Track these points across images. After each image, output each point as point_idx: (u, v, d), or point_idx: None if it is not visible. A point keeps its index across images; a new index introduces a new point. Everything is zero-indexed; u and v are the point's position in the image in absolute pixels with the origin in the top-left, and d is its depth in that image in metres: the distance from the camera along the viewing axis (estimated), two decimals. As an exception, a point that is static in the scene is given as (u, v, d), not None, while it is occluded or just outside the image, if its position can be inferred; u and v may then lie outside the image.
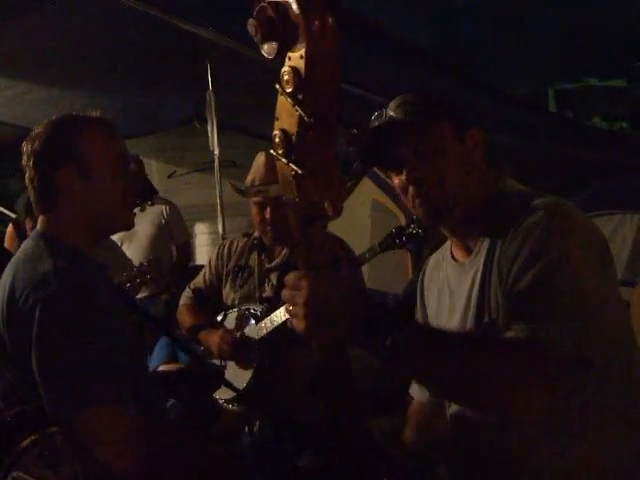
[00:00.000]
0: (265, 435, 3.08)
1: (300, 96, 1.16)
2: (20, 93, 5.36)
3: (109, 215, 2.12)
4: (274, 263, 3.26)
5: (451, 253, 1.90)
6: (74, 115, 2.14)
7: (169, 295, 5.14)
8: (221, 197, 5.59)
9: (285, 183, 1.27)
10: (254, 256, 3.32)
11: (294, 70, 1.15)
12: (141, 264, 3.15)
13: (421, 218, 1.81)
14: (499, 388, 1.45)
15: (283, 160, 1.24)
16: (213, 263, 3.48)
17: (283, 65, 1.18)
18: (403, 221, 4.87)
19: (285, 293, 1.38)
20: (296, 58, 1.15)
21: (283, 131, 1.22)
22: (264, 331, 3.09)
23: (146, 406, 1.98)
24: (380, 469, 1.67)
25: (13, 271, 2.00)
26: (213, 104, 5.30)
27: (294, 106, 1.17)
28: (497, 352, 1.50)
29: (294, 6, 1.12)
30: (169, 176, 7.74)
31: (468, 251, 1.81)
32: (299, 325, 1.37)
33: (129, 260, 4.83)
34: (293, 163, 1.22)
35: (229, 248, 3.46)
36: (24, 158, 2.10)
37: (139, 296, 4.98)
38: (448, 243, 1.94)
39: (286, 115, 1.21)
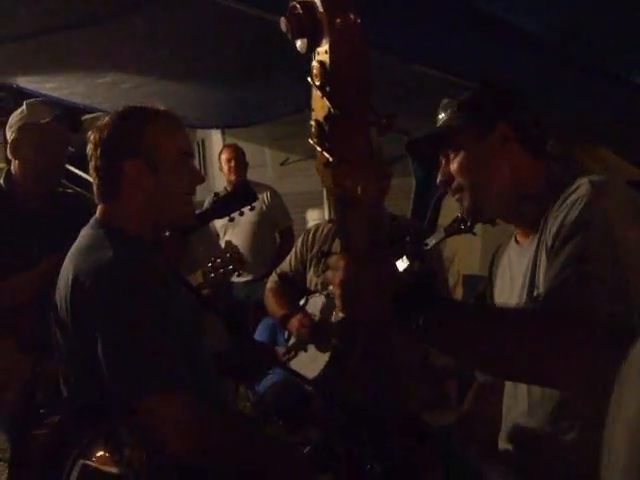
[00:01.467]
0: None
1: (328, 89, 1.24)
2: (134, 87, 5.55)
3: (170, 209, 2.15)
4: None
5: (515, 236, 1.96)
6: (141, 107, 2.17)
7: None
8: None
9: (322, 170, 1.35)
10: (337, 242, 3.38)
11: (321, 64, 1.23)
12: (224, 255, 3.27)
13: (462, 214, 1.93)
14: (527, 354, 1.48)
15: (318, 148, 1.31)
16: (298, 248, 3.58)
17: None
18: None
19: (328, 274, 1.47)
20: (322, 53, 1.23)
21: (317, 121, 1.30)
22: (340, 315, 3.15)
23: (204, 392, 2.00)
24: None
25: (75, 261, 2.04)
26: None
27: (322, 98, 1.25)
28: (525, 319, 1.55)
29: (318, 4, 1.20)
30: (282, 163, 7.91)
31: (527, 234, 1.88)
32: (338, 304, 1.46)
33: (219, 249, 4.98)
34: (326, 151, 1.30)
35: (314, 233, 3.54)
36: (90, 146, 2.13)
37: (243, 279, 5.16)
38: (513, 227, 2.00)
39: (319, 107, 1.29)
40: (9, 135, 3.20)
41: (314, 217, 8.14)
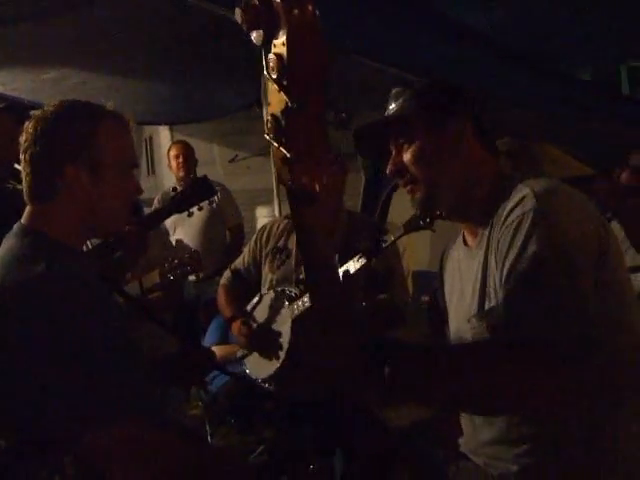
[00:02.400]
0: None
1: (285, 82, 1.21)
2: (78, 83, 5.47)
3: (104, 220, 1.99)
4: None
5: (463, 237, 1.94)
6: (89, 103, 1.98)
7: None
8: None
9: (278, 166, 1.31)
10: (293, 238, 3.36)
11: (278, 57, 1.19)
12: (182, 256, 3.22)
13: (413, 206, 1.87)
14: (501, 392, 1.47)
15: (274, 144, 1.28)
16: (252, 245, 3.56)
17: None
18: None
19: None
20: (279, 45, 1.19)
21: (273, 116, 1.26)
22: (296, 312, 3.14)
23: (146, 408, 1.84)
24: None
25: (1, 275, 1.83)
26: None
27: (279, 92, 1.22)
28: (494, 357, 1.51)
29: (275, -5, 1.17)
30: (230, 160, 7.86)
31: (475, 234, 1.84)
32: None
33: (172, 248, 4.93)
34: (283, 147, 1.26)
35: (269, 230, 3.52)
36: (26, 137, 1.92)
37: (193, 279, 5.11)
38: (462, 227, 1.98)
39: (275, 100, 1.25)
40: None
41: (264, 214, 8.11)
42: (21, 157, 1.94)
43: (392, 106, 1.87)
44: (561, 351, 1.44)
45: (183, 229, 5.62)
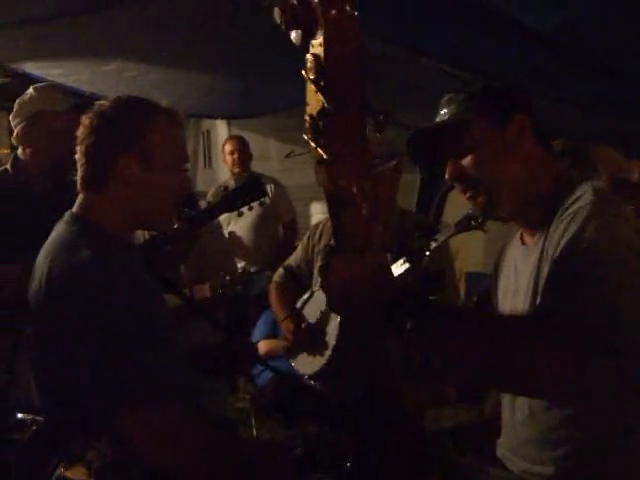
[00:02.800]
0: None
1: (322, 83, 1.20)
2: (139, 75, 5.51)
3: (152, 213, 2.04)
4: None
5: (521, 236, 1.92)
6: (144, 99, 2.07)
7: (274, 272, 5.26)
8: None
9: (316, 167, 1.31)
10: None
11: (315, 57, 1.19)
12: (235, 273, 3.28)
13: (474, 210, 1.86)
14: (523, 367, 1.43)
15: (312, 144, 1.28)
16: (305, 242, 3.57)
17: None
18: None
19: (318, 270, 1.44)
20: (317, 45, 1.19)
21: (311, 116, 1.26)
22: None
23: (185, 398, 1.90)
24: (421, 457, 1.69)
25: (49, 256, 1.93)
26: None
27: (316, 92, 1.21)
28: (522, 333, 1.48)
29: (313, -5, 1.16)
30: (286, 156, 7.85)
31: (533, 234, 1.84)
32: (327, 301, 1.43)
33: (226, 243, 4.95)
34: (320, 147, 1.26)
35: (323, 227, 3.52)
36: (83, 130, 2.02)
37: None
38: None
39: (313, 101, 1.25)
40: (18, 121, 3.16)
41: (319, 210, 8.09)
42: (77, 149, 2.04)
43: (444, 111, 1.87)
44: (607, 342, 1.40)
45: (236, 223, 5.65)
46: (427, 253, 2.83)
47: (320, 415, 3.19)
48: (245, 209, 2.90)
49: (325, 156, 1.25)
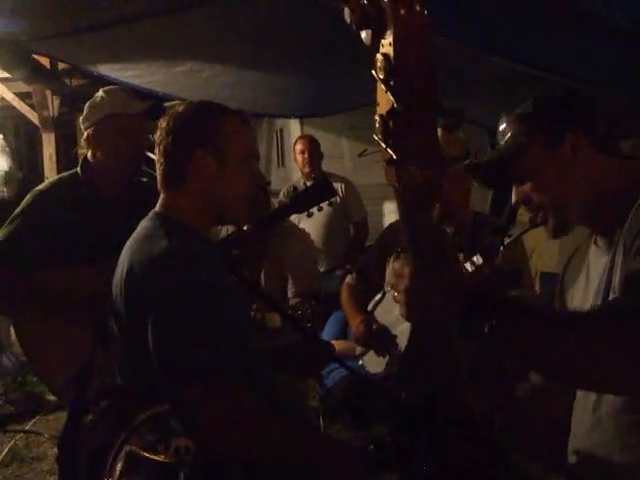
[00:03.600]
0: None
1: (392, 82, 1.18)
2: (212, 76, 5.56)
3: (227, 205, 2.17)
4: None
5: (595, 237, 1.88)
6: (215, 103, 2.24)
7: (345, 272, 5.24)
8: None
9: (387, 167, 1.29)
10: None
11: (385, 57, 1.17)
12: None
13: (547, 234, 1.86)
14: (605, 362, 1.37)
15: (383, 144, 1.26)
16: (378, 243, 3.54)
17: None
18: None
19: (391, 279, 1.42)
20: (386, 45, 1.17)
21: (381, 116, 1.24)
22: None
23: (256, 385, 2.03)
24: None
25: (130, 251, 2.10)
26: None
27: (386, 92, 1.19)
28: (602, 328, 1.42)
29: (382, -6, 1.14)
30: (360, 154, 7.82)
31: (606, 234, 1.80)
32: (401, 310, 1.41)
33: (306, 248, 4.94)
34: (390, 148, 1.24)
35: (397, 229, 3.49)
36: (160, 132, 2.17)
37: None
38: None
39: (383, 101, 1.24)
40: (88, 124, 3.18)
41: (391, 210, 8.06)
42: (155, 150, 2.20)
43: (503, 141, 1.87)
44: None
45: (307, 222, 5.65)
46: (501, 249, 2.78)
47: (390, 417, 3.17)
48: (315, 209, 2.91)
49: (395, 156, 1.22)
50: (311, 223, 5.62)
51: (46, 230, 3.00)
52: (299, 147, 6.06)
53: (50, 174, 7.24)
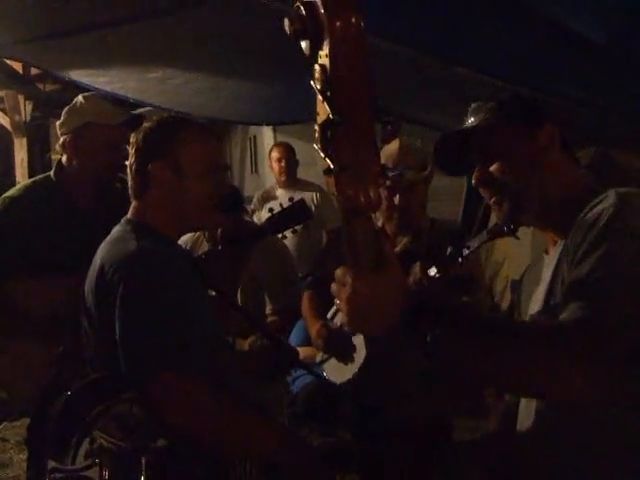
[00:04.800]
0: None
1: (328, 93, 1.20)
2: (184, 82, 5.57)
3: (192, 213, 2.30)
4: None
5: (546, 247, 1.91)
6: (181, 118, 2.43)
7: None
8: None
9: (326, 177, 1.31)
10: None
11: (322, 68, 1.19)
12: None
13: (496, 218, 1.87)
14: (539, 368, 1.40)
15: (321, 154, 1.28)
16: (334, 249, 3.56)
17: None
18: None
19: (332, 287, 1.43)
20: (323, 56, 1.19)
21: (320, 126, 1.26)
22: None
23: (220, 381, 2.14)
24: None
25: (101, 253, 2.22)
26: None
27: (323, 103, 1.21)
28: (540, 333, 1.46)
29: (319, 5, 1.16)
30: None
31: (555, 244, 1.82)
32: (343, 319, 1.42)
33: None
34: (328, 158, 1.26)
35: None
36: (130, 148, 2.34)
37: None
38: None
39: (322, 111, 1.25)
40: (65, 130, 3.15)
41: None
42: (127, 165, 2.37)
43: (472, 119, 1.88)
44: (615, 347, 1.37)
45: (282, 230, 5.66)
46: (460, 260, 2.80)
47: (353, 422, 3.19)
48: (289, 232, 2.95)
49: (332, 166, 1.24)
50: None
51: (18, 237, 2.97)
52: (275, 155, 6.08)
53: (22, 179, 7.23)
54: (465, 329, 1.45)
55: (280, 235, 2.97)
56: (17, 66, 6.91)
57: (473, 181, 1.84)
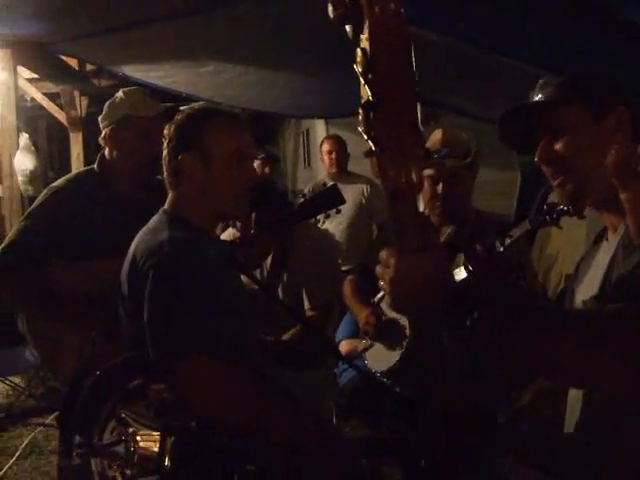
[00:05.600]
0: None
1: (369, 76, 1.22)
2: (235, 76, 5.61)
3: (222, 202, 2.33)
4: None
5: (606, 234, 1.87)
6: (209, 108, 2.42)
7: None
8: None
9: (371, 160, 1.32)
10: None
11: (363, 51, 1.21)
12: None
13: (559, 198, 1.81)
14: (587, 359, 1.38)
15: (365, 136, 1.29)
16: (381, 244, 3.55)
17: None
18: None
19: (378, 269, 1.43)
20: (364, 40, 1.20)
21: (362, 108, 1.27)
22: None
23: (248, 367, 2.19)
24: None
25: (138, 240, 2.29)
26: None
27: (364, 86, 1.23)
28: (590, 321, 1.45)
29: (360, -9, 1.18)
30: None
31: (616, 230, 1.78)
32: (386, 299, 1.43)
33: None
34: (370, 139, 1.27)
35: None
36: (165, 139, 2.37)
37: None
38: None
39: (365, 94, 1.27)
40: (107, 123, 3.25)
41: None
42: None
43: (540, 95, 1.82)
44: None
45: (331, 221, 5.66)
46: (501, 249, 2.78)
47: (397, 414, 3.19)
48: (322, 217, 2.96)
49: (374, 148, 1.26)
50: (335, 223, 5.63)
51: (60, 226, 3.07)
52: (326, 147, 6.08)
53: (78, 173, 7.34)
54: (507, 313, 1.45)
55: (314, 220, 2.96)
56: (73, 62, 7.02)
57: (536, 158, 1.79)
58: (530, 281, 3.34)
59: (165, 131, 2.36)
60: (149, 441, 1.99)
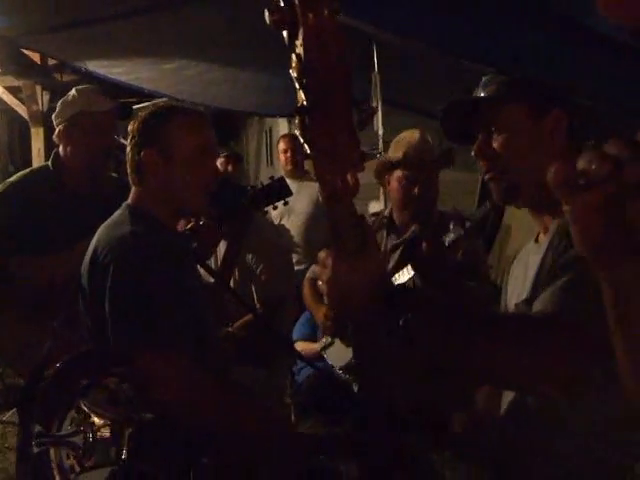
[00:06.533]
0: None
1: (304, 81, 1.24)
2: (199, 73, 5.60)
3: (184, 198, 2.35)
4: (401, 239, 3.30)
5: (537, 234, 1.90)
6: (173, 105, 2.49)
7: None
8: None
9: (309, 162, 1.35)
10: (381, 234, 3.39)
11: (298, 57, 1.23)
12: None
13: (493, 192, 1.84)
14: (517, 364, 1.43)
15: (301, 140, 1.31)
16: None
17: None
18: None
19: (316, 269, 1.46)
20: (299, 45, 1.23)
21: (296, 112, 1.30)
22: None
23: (205, 362, 2.21)
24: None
25: (99, 234, 2.33)
26: (379, 85, 5.31)
27: (299, 90, 1.25)
28: (520, 329, 1.49)
29: (295, -3, 1.20)
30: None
31: (546, 231, 1.81)
32: (325, 301, 1.46)
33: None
34: (306, 143, 1.29)
35: None
36: (127, 137, 2.41)
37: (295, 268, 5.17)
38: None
39: (300, 99, 1.29)
40: (60, 120, 3.33)
41: (377, 209, 8.07)
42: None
43: (482, 93, 1.87)
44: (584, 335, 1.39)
45: (289, 220, 5.69)
46: (447, 245, 2.81)
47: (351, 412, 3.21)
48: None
49: (309, 151, 1.28)
50: (293, 221, 5.66)
51: (14, 221, 3.09)
52: (282, 146, 6.10)
53: (39, 169, 7.28)
54: (440, 315, 1.48)
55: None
56: (35, 56, 6.97)
57: (472, 152, 1.84)
58: (483, 283, 3.38)
59: (129, 127, 2.39)
60: (108, 432, 1.99)
